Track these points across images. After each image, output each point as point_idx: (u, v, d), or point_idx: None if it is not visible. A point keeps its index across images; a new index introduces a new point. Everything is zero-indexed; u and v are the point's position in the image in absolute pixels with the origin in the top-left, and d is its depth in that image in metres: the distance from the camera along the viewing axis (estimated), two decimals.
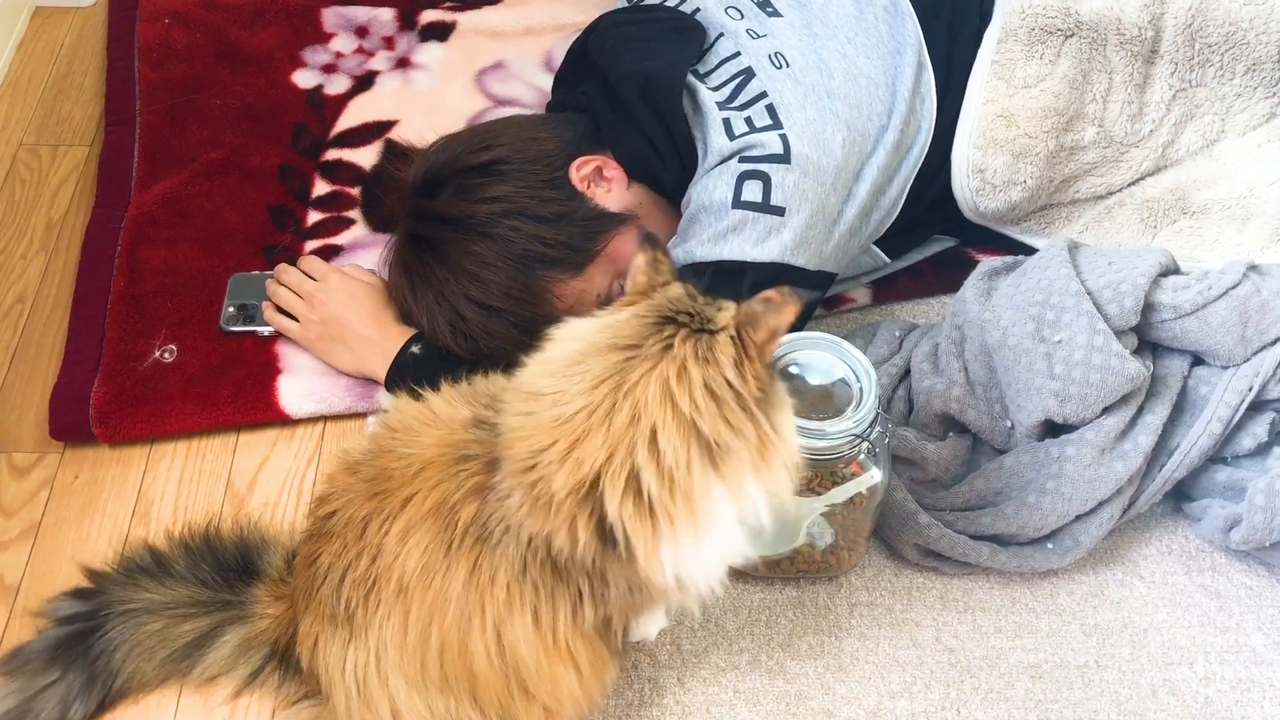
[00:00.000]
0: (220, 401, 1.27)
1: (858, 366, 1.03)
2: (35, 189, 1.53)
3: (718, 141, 1.22)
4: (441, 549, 0.85)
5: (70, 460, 1.24)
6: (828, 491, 1.04)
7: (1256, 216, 1.27)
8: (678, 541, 0.79)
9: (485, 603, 0.85)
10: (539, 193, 1.21)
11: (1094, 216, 1.35)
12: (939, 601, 1.14)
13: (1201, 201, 1.31)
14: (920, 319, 1.37)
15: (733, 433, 0.79)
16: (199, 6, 1.73)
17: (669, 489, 0.78)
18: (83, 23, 1.77)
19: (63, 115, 1.63)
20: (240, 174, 1.51)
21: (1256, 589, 1.15)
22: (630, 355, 0.80)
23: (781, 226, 1.19)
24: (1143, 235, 1.32)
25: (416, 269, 1.22)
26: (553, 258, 1.20)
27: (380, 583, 0.87)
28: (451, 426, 0.87)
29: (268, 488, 1.22)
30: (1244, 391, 1.13)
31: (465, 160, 1.22)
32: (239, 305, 1.35)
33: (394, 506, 0.86)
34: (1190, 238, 1.30)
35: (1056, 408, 1.13)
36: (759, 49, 1.28)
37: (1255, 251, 1.26)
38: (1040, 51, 1.29)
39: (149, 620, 1.01)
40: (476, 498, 0.84)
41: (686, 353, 0.80)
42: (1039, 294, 1.15)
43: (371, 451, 0.91)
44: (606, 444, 0.78)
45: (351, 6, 1.77)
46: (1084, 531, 1.12)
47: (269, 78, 1.65)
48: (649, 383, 0.79)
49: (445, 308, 1.20)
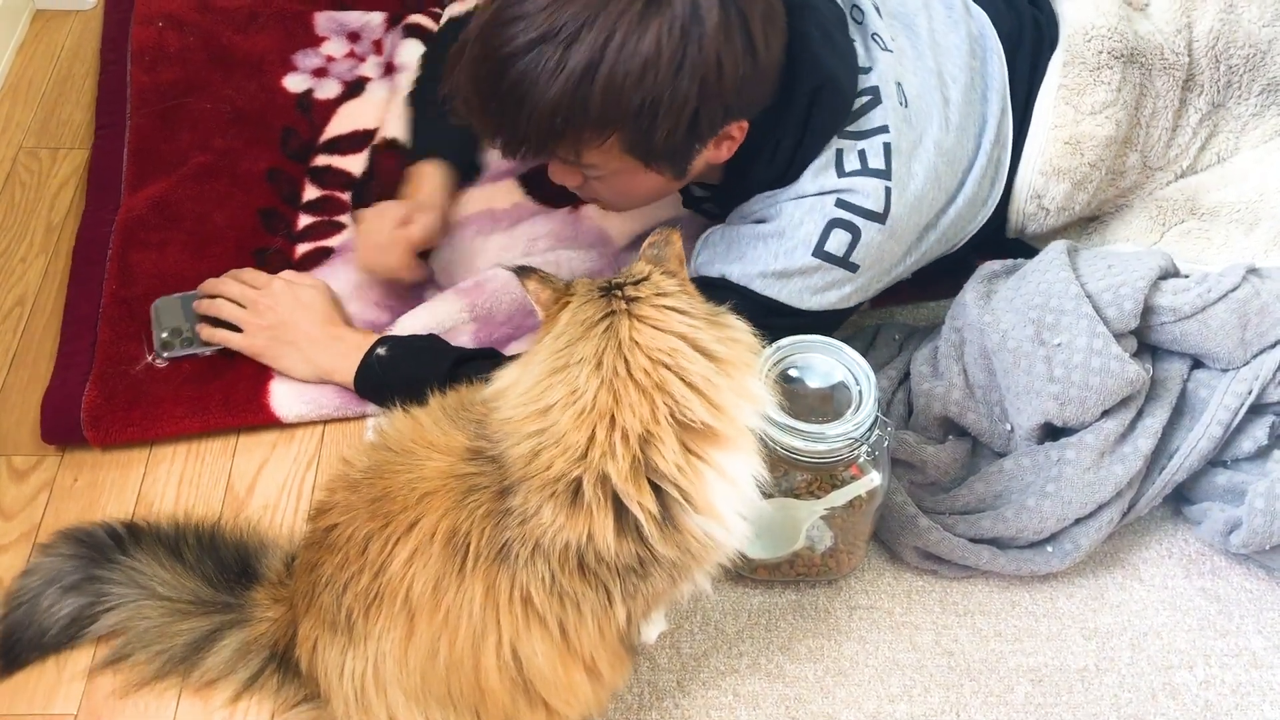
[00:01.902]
0: (212, 405, 1.27)
1: (857, 370, 1.03)
2: (35, 192, 1.53)
3: (825, 174, 1.14)
4: (453, 572, 0.85)
5: (69, 463, 1.24)
6: (827, 494, 1.04)
7: (1265, 221, 1.27)
8: (722, 469, 0.83)
9: (502, 620, 0.85)
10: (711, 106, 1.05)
11: (1103, 218, 1.36)
12: (938, 605, 1.14)
13: (1211, 204, 1.31)
14: (920, 322, 1.37)
15: (717, 338, 0.85)
16: (193, 9, 1.73)
17: (708, 408, 0.82)
18: (83, 26, 1.77)
19: (63, 118, 1.63)
20: (229, 178, 1.51)
21: (1257, 592, 1.15)
22: (593, 331, 0.83)
23: (846, 282, 1.15)
24: (1150, 233, 1.31)
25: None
26: (658, 138, 1.04)
27: (384, 598, 0.87)
28: (450, 456, 0.88)
29: (267, 491, 1.22)
30: (1243, 395, 1.13)
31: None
32: (172, 330, 1.32)
33: (398, 529, 0.87)
34: (1198, 239, 1.30)
35: (1056, 410, 1.13)
36: (888, 70, 1.18)
37: (1260, 255, 1.26)
38: (1106, 77, 1.26)
39: (148, 608, 1.02)
40: (489, 523, 0.84)
41: (642, 297, 0.85)
42: (1038, 297, 1.15)
43: (372, 470, 0.91)
44: (634, 411, 0.81)
45: (344, 11, 1.77)
46: (1083, 535, 1.12)
47: (260, 81, 1.65)
48: (631, 337, 0.83)
49: (595, 49, 0.98)
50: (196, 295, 1.34)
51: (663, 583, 0.87)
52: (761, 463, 0.86)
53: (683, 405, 0.82)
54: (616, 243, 1.44)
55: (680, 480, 0.82)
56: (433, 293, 1.38)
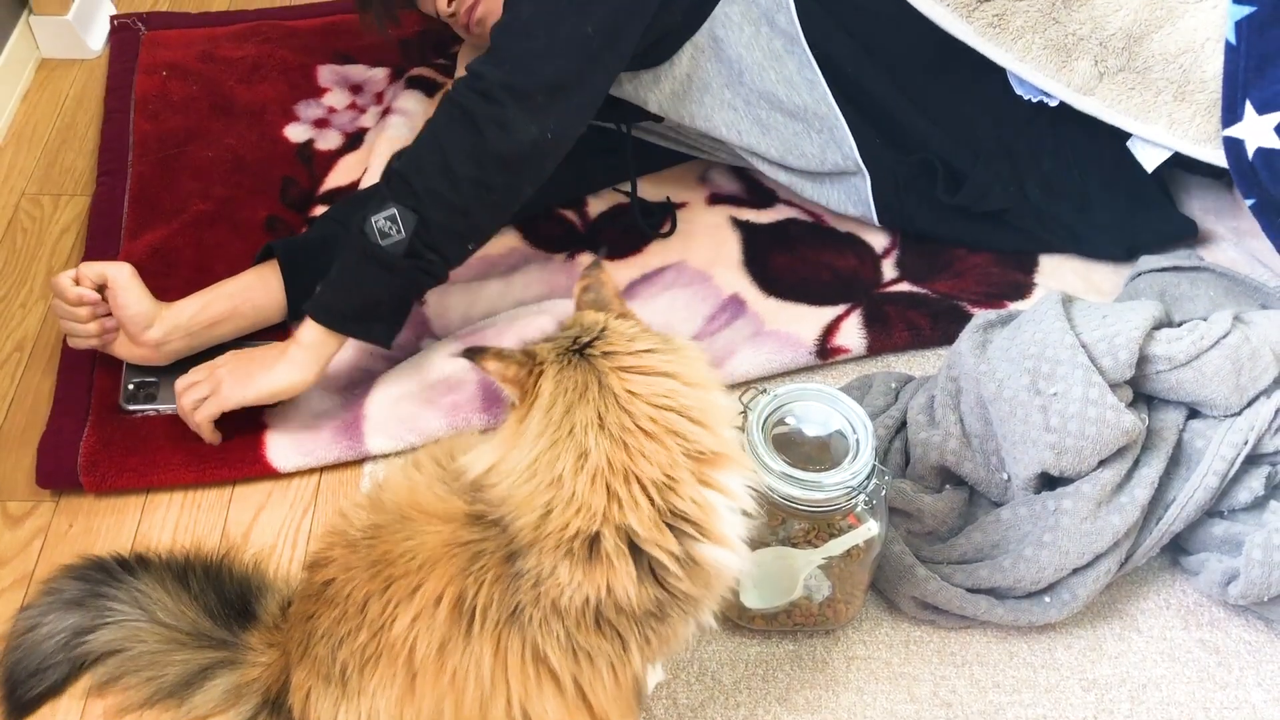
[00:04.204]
0: (209, 455, 1.26)
1: (854, 418, 1.03)
2: (37, 238, 1.54)
3: None
4: (460, 634, 0.85)
5: (65, 509, 1.24)
6: (825, 544, 1.03)
7: (1194, 87, 1.32)
8: (726, 488, 0.84)
9: (511, 681, 0.85)
10: None
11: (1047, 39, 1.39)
12: (936, 655, 1.13)
13: (1145, 57, 1.35)
14: (916, 371, 1.38)
15: (684, 362, 0.87)
16: (197, 59, 1.76)
17: (711, 434, 0.84)
18: (87, 75, 1.79)
19: (65, 165, 1.65)
20: (229, 225, 1.51)
21: (1256, 644, 1.14)
22: (588, 394, 0.83)
23: None
24: (1094, 72, 1.38)
25: None
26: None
27: (382, 657, 0.87)
28: (451, 523, 0.87)
29: (263, 538, 1.22)
30: (1239, 445, 1.14)
31: None
32: (138, 383, 1.32)
33: (399, 593, 0.86)
34: (1130, 91, 1.37)
35: (1053, 460, 1.13)
36: None
37: (1190, 145, 1.32)
38: None
39: (146, 631, 1.02)
40: (497, 588, 0.84)
41: (618, 349, 0.85)
42: (1034, 346, 1.16)
43: (370, 532, 0.91)
44: (652, 460, 0.82)
45: (348, 65, 1.79)
46: (1081, 585, 1.12)
47: (261, 130, 1.66)
48: (627, 390, 0.83)
49: None
50: None
51: (679, 622, 0.87)
52: (749, 467, 0.87)
53: (693, 440, 0.83)
54: None
55: (697, 515, 0.83)
56: (428, 341, 1.38)
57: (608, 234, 1.53)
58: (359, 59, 1.80)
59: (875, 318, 1.41)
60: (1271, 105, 1.30)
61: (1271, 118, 1.30)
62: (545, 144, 1.20)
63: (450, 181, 1.17)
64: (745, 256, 1.50)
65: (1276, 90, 1.29)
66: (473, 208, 1.20)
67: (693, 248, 1.51)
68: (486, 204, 1.21)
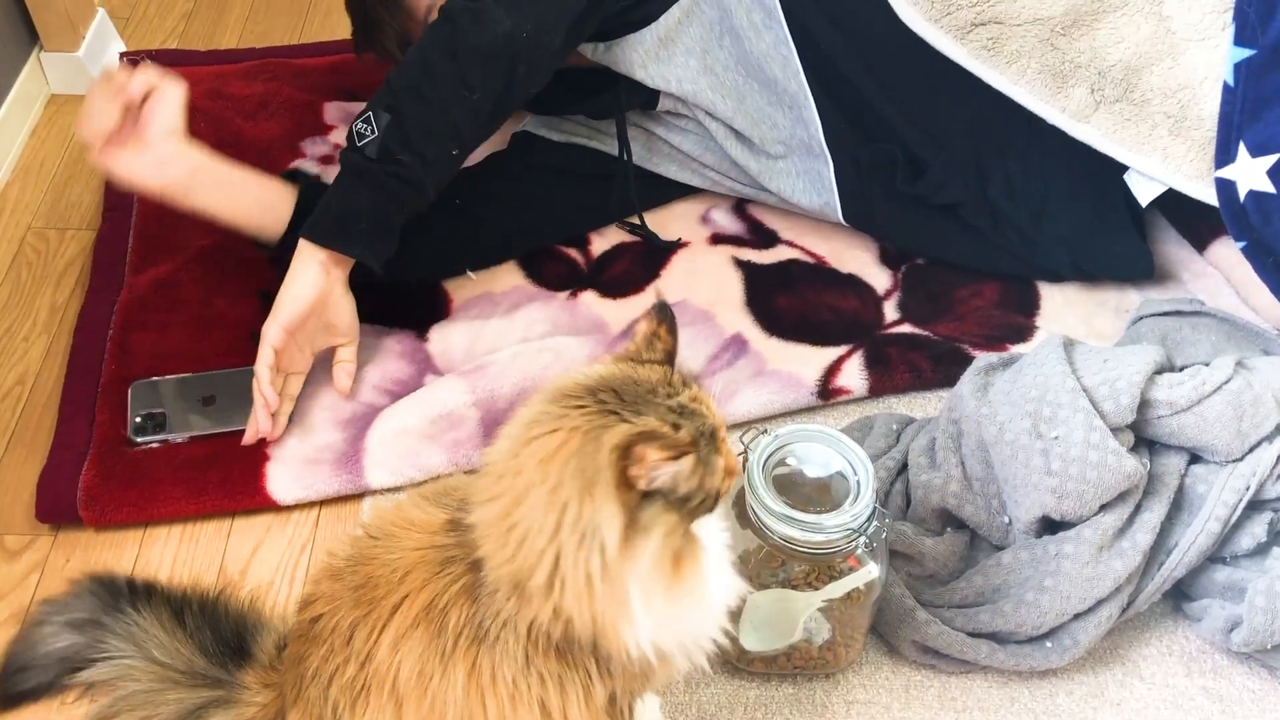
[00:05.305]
0: (209, 487, 1.26)
1: (855, 460, 1.03)
2: (41, 271, 1.55)
3: None
4: (436, 655, 0.84)
5: (62, 543, 1.23)
6: (825, 586, 1.03)
7: (1191, 124, 1.32)
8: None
9: (488, 703, 0.84)
10: None
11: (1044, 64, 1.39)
12: (937, 700, 1.12)
13: (1143, 90, 1.36)
14: (917, 413, 1.37)
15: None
16: (205, 96, 1.77)
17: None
18: None
19: (72, 200, 1.66)
20: (233, 260, 1.52)
21: (1259, 692, 1.13)
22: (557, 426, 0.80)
23: None
24: (1090, 100, 1.38)
25: None
26: None
27: (370, 689, 0.86)
28: (430, 530, 0.87)
29: (261, 573, 1.21)
30: (1241, 490, 1.13)
31: None
32: (145, 415, 1.32)
33: (382, 615, 0.86)
34: (1125, 122, 1.37)
35: (1054, 504, 1.13)
36: None
37: (1184, 181, 1.32)
38: None
39: (140, 670, 1.00)
40: (465, 598, 0.83)
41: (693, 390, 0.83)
42: (1035, 390, 1.16)
43: (355, 558, 0.91)
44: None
45: (354, 103, 1.80)
46: (1083, 630, 1.11)
47: (267, 167, 1.65)
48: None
49: None
50: (174, 380, 1.35)
51: (628, 670, 0.84)
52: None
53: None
54: (612, 329, 1.45)
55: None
56: (431, 378, 1.39)
57: (610, 272, 1.54)
58: (365, 96, 1.80)
59: (877, 359, 1.41)
60: (1265, 148, 1.30)
61: (1265, 160, 1.30)
62: (520, 41, 1.21)
63: (427, 75, 1.19)
64: (747, 296, 1.50)
65: (1271, 133, 1.30)
66: (451, 105, 1.20)
67: (695, 287, 1.51)
68: (466, 105, 1.21)
